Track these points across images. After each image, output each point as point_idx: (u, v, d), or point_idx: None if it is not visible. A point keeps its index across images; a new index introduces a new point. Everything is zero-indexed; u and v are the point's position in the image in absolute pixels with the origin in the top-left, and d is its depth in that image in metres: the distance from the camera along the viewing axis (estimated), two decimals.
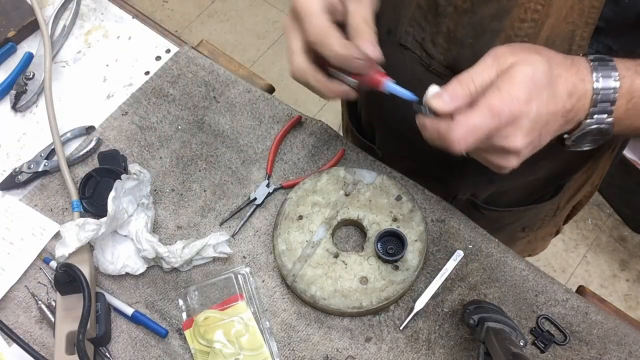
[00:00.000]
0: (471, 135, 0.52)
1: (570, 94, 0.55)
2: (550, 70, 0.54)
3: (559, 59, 0.56)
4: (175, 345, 0.71)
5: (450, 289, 0.73)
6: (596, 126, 0.57)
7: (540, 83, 0.53)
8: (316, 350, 0.71)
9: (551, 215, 1.01)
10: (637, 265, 1.88)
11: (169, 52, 0.90)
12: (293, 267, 0.72)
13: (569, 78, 0.55)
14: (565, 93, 0.54)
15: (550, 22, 0.60)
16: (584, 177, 0.96)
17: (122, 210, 0.73)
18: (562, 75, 0.55)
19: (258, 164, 0.82)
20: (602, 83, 0.55)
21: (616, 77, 0.55)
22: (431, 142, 0.56)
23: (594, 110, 0.56)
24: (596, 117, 0.56)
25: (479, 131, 0.52)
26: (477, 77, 0.54)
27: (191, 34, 2.33)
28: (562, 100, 0.54)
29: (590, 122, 0.56)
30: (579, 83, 0.55)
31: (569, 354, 0.70)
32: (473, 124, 0.52)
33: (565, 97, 0.55)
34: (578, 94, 0.55)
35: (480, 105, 0.52)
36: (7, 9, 0.91)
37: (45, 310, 0.72)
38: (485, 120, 0.52)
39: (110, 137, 0.84)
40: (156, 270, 0.75)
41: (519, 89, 0.52)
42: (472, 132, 0.52)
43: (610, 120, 0.56)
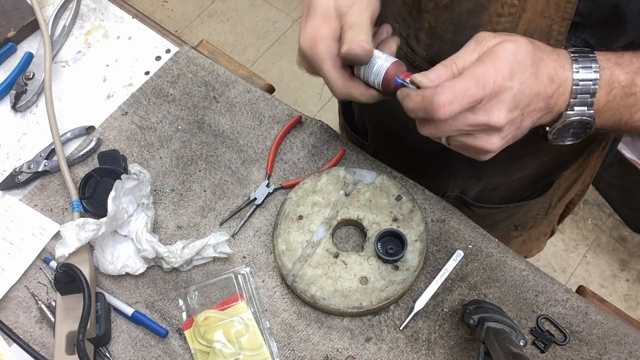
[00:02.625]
0: (457, 100, 0.52)
1: (552, 79, 0.55)
2: (533, 51, 0.54)
3: (541, 44, 0.57)
4: (175, 345, 0.71)
5: (450, 289, 0.73)
6: (577, 118, 0.57)
7: (523, 61, 0.53)
8: (316, 350, 0.71)
9: (543, 213, 1.01)
10: (637, 265, 1.88)
11: (169, 52, 0.90)
12: (293, 267, 0.72)
13: (550, 63, 0.55)
14: (546, 77, 0.55)
15: (527, 17, 0.61)
16: (574, 174, 0.96)
17: (122, 210, 0.73)
18: (544, 59, 0.55)
19: (258, 164, 0.82)
20: (582, 74, 0.56)
21: (596, 69, 0.56)
22: (412, 112, 0.57)
23: (574, 102, 0.56)
24: (577, 109, 0.57)
25: (465, 97, 0.52)
26: (459, 60, 0.56)
27: (191, 34, 2.33)
28: (543, 83, 0.55)
29: (571, 113, 0.57)
30: (560, 69, 0.56)
31: (569, 354, 0.70)
32: (459, 88, 0.52)
33: (547, 81, 0.55)
34: (559, 80, 0.56)
35: (466, 74, 0.53)
36: (7, 9, 0.91)
37: (45, 310, 0.72)
38: (471, 87, 0.52)
39: (110, 137, 0.84)
40: (156, 270, 0.75)
41: (503, 64, 0.53)
42: (457, 97, 0.52)
43: (591, 113, 0.57)
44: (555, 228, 1.15)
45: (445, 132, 0.56)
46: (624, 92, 0.57)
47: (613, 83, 0.57)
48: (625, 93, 0.57)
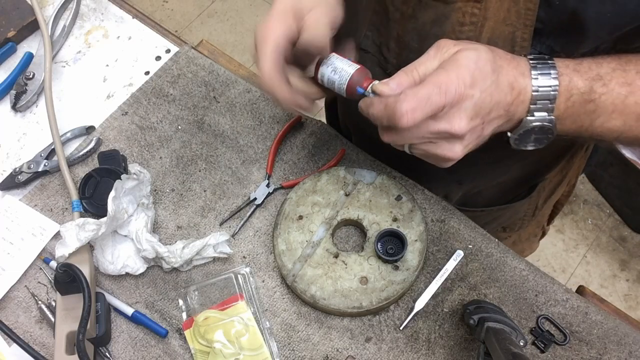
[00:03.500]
0: (420, 108, 0.52)
1: (512, 87, 0.56)
2: (494, 59, 0.55)
3: (501, 52, 0.57)
4: (175, 345, 0.71)
5: (450, 289, 0.73)
6: (538, 124, 0.57)
7: (484, 69, 0.54)
8: (316, 350, 0.71)
9: (530, 215, 1.01)
10: (637, 265, 1.88)
11: (169, 52, 0.90)
12: (293, 267, 0.72)
13: (510, 71, 0.56)
14: (507, 84, 0.55)
15: (489, 25, 0.61)
16: (558, 176, 0.96)
17: (122, 210, 0.73)
18: (504, 67, 0.56)
19: (258, 164, 0.82)
20: (541, 80, 0.56)
21: (555, 75, 0.56)
22: (376, 120, 0.57)
23: (534, 108, 0.57)
24: (537, 115, 0.57)
25: (427, 104, 0.52)
26: (420, 66, 0.56)
27: (191, 34, 2.33)
28: (504, 91, 0.55)
29: (531, 119, 0.57)
30: (519, 77, 0.56)
31: (569, 354, 0.70)
32: (421, 95, 0.52)
33: (507, 89, 0.55)
34: (519, 87, 0.56)
35: (428, 81, 0.53)
36: (7, 9, 0.91)
37: (45, 310, 0.72)
38: (433, 94, 0.52)
39: (110, 137, 0.84)
40: (156, 270, 0.75)
41: (465, 71, 0.53)
42: (420, 104, 0.52)
43: (552, 119, 0.57)
44: (545, 229, 1.16)
45: (408, 140, 0.56)
46: (582, 99, 0.57)
47: (572, 89, 0.57)
48: (584, 100, 0.57)
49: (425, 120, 0.53)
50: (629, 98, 0.57)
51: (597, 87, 0.57)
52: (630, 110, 0.58)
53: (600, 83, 0.57)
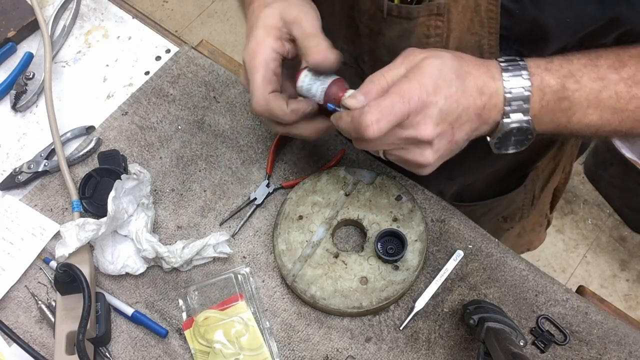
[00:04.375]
0: (384, 118, 0.53)
1: (481, 91, 0.56)
2: (459, 66, 0.55)
3: (469, 58, 0.57)
4: (175, 345, 0.71)
5: (450, 289, 0.73)
6: (516, 125, 0.58)
7: (448, 76, 0.54)
8: (316, 350, 0.71)
9: (529, 204, 1.02)
10: (637, 265, 1.88)
11: (169, 52, 0.90)
12: (293, 267, 0.72)
13: (479, 76, 0.56)
14: (475, 89, 0.56)
15: (455, 35, 0.62)
16: (551, 164, 0.97)
17: (122, 210, 0.73)
18: (472, 73, 0.56)
19: (258, 164, 0.82)
20: (512, 82, 0.56)
21: (526, 75, 0.56)
22: (346, 133, 0.58)
23: (508, 110, 0.57)
24: (512, 117, 0.57)
25: (391, 114, 0.53)
26: (387, 74, 0.57)
27: (191, 34, 2.33)
28: (472, 96, 0.56)
29: (508, 121, 0.57)
30: (489, 81, 0.56)
31: (569, 354, 0.70)
32: (384, 105, 0.53)
33: (476, 94, 0.56)
34: (489, 91, 0.56)
35: (391, 91, 0.54)
36: (7, 9, 0.91)
37: (45, 310, 0.72)
38: (396, 103, 0.53)
39: (110, 137, 0.84)
40: (156, 270, 0.75)
41: (427, 79, 0.54)
42: (384, 115, 0.53)
43: (528, 119, 0.57)
44: (549, 217, 1.16)
45: (378, 148, 0.58)
46: (557, 97, 0.58)
47: (544, 88, 0.57)
48: (559, 97, 0.58)
49: (392, 129, 0.54)
50: (602, 93, 0.58)
51: (569, 84, 0.58)
52: (605, 104, 0.58)
53: (572, 80, 0.57)
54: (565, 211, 1.96)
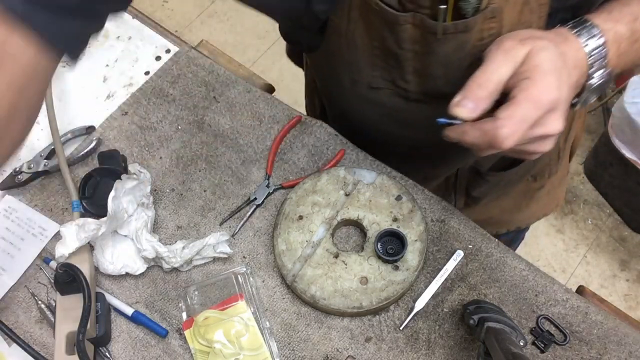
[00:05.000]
0: (519, 129, 0.53)
1: (575, 66, 0.57)
2: (559, 52, 0.56)
3: (553, 37, 0.58)
4: (175, 345, 0.71)
5: (450, 289, 0.73)
6: (598, 82, 0.59)
7: (559, 65, 0.55)
8: (316, 350, 0.71)
9: (556, 158, 1.01)
10: (637, 265, 1.88)
11: (169, 52, 0.90)
12: (293, 267, 0.72)
13: (569, 52, 0.57)
14: (572, 67, 0.57)
15: (505, 30, 0.62)
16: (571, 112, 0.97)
17: (122, 210, 0.73)
18: (566, 52, 0.57)
19: (258, 164, 0.82)
20: (590, 45, 0.58)
21: (598, 34, 0.58)
22: (474, 145, 0.57)
23: (592, 71, 0.58)
24: (595, 75, 0.59)
25: (526, 123, 0.53)
26: (493, 75, 0.56)
27: (191, 34, 2.33)
28: (572, 75, 0.57)
29: (591, 82, 0.59)
30: (576, 53, 0.57)
31: (569, 354, 0.70)
32: (520, 118, 0.53)
33: (574, 71, 0.57)
34: (579, 64, 0.57)
35: (521, 99, 0.54)
36: None
37: (45, 310, 0.72)
38: (529, 112, 0.53)
39: (110, 137, 0.84)
40: (156, 270, 0.75)
41: (550, 77, 0.54)
42: (519, 126, 0.53)
43: (608, 72, 0.59)
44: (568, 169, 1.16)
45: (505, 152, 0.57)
46: (629, 42, 0.60)
47: (618, 39, 0.59)
48: (631, 42, 0.60)
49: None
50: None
51: (636, 26, 0.59)
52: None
53: (638, 22, 0.60)
54: (565, 211, 1.96)
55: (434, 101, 0.71)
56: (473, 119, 0.56)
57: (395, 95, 0.72)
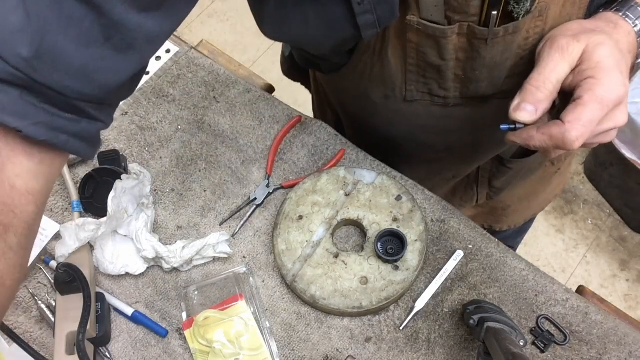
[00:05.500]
0: (587, 130, 0.53)
1: (629, 51, 0.57)
2: (613, 41, 0.55)
3: (604, 26, 0.57)
4: (175, 345, 0.71)
5: (450, 289, 0.73)
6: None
7: (618, 57, 0.55)
8: (316, 350, 0.71)
9: None
10: (637, 265, 1.88)
11: (169, 52, 0.90)
12: (293, 267, 0.72)
13: (622, 38, 0.57)
14: (627, 52, 0.57)
15: (549, 26, 0.62)
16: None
17: (122, 210, 0.73)
18: (620, 40, 0.57)
19: (258, 164, 0.82)
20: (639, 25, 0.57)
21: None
22: (541, 149, 0.57)
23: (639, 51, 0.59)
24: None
25: (594, 124, 0.53)
26: (551, 75, 0.55)
27: (191, 34, 2.33)
28: (629, 61, 0.57)
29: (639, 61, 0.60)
30: (627, 37, 0.57)
31: (569, 354, 0.70)
32: (588, 120, 0.53)
33: (628, 57, 0.57)
34: (632, 47, 0.58)
35: (587, 100, 0.53)
36: None
37: (45, 310, 0.72)
38: (596, 113, 0.53)
39: (110, 137, 0.84)
40: (156, 270, 0.75)
41: (615, 73, 0.54)
42: (587, 127, 0.53)
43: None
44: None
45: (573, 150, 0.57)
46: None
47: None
48: None
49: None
50: None
51: None
52: None
53: None
54: (565, 211, 1.96)
55: (473, 103, 0.71)
56: (535, 121, 0.56)
57: (431, 104, 0.72)
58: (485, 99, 0.70)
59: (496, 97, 0.70)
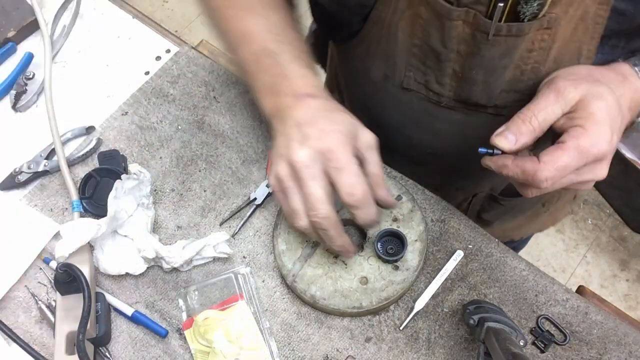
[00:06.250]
0: (559, 174, 0.53)
1: (629, 108, 0.57)
2: (616, 98, 0.55)
3: (612, 78, 0.57)
4: (175, 345, 0.71)
5: (450, 289, 0.73)
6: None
7: (614, 114, 0.54)
8: (316, 350, 0.71)
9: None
10: (637, 265, 1.88)
11: (169, 52, 0.90)
12: (293, 267, 0.72)
13: (626, 94, 0.57)
14: (626, 110, 0.57)
15: (557, 46, 0.61)
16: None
17: (122, 210, 0.73)
18: (623, 95, 0.56)
19: (258, 164, 0.82)
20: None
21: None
22: (512, 180, 0.58)
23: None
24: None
25: (567, 170, 0.53)
26: (540, 113, 0.55)
27: (191, 34, 2.33)
28: (626, 118, 0.57)
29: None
30: (634, 94, 0.57)
31: (569, 354, 0.70)
32: (562, 165, 0.53)
33: (627, 114, 0.57)
34: (633, 105, 0.57)
35: (569, 147, 0.53)
36: (7, 9, 0.91)
37: (45, 310, 0.72)
38: (574, 161, 0.53)
39: (110, 137, 0.84)
40: (156, 270, 0.75)
41: (604, 129, 0.53)
42: (560, 172, 0.53)
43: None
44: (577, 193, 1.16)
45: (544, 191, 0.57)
46: None
47: None
48: None
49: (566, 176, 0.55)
50: None
51: None
52: None
53: None
54: None
55: (465, 110, 0.71)
56: (512, 151, 0.56)
57: (425, 99, 0.72)
58: (477, 108, 0.70)
59: (488, 110, 0.70)
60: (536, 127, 0.55)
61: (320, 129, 0.58)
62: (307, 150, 0.57)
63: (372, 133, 0.62)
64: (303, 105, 0.61)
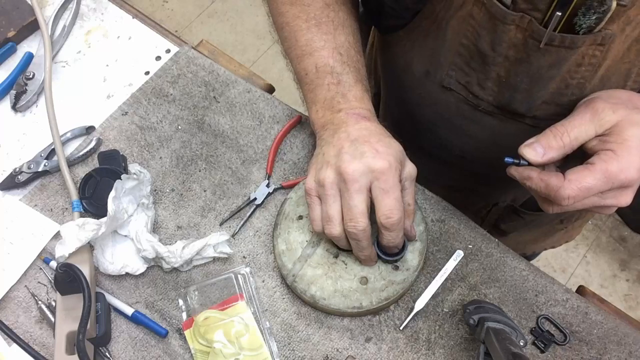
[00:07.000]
0: (582, 195, 0.53)
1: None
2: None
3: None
4: (175, 345, 0.71)
5: (450, 289, 0.73)
6: None
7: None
8: (316, 350, 0.71)
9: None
10: (637, 265, 1.88)
11: (169, 52, 0.90)
12: (293, 267, 0.72)
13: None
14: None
15: (606, 64, 0.60)
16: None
17: (122, 210, 0.73)
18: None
19: (258, 164, 0.82)
20: None
21: None
22: (534, 192, 0.58)
23: None
24: None
25: (591, 192, 0.53)
26: (572, 130, 0.55)
27: (191, 34, 2.33)
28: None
29: None
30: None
31: (569, 354, 0.70)
32: (587, 186, 0.53)
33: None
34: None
35: (597, 169, 0.53)
36: (7, 9, 0.91)
37: (45, 310, 0.72)
38: (599, 184, 0.53)
39: (110, 137, 0.84)
40: (156, 270, 0.75)
41: (635, 157, 0.53)
42: (584, 193, 0.53)
43: None
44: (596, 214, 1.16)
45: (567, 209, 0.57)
46: None
47: None
48: None
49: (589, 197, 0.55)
50: None
51: None
52: None
53: None
54: None
55: (502, 117, 0.70)
56: (539, 164, 0.56)
57: (464, 101, 0.71)
58: (515, 117, 0.69)
59: (525, 120, 0.69)
60: (567, 144, 0.55)
61: (375, 149, 0.61)
62: (360, 165, 0.61)
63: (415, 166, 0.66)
64: (358, 125, 0.65)
